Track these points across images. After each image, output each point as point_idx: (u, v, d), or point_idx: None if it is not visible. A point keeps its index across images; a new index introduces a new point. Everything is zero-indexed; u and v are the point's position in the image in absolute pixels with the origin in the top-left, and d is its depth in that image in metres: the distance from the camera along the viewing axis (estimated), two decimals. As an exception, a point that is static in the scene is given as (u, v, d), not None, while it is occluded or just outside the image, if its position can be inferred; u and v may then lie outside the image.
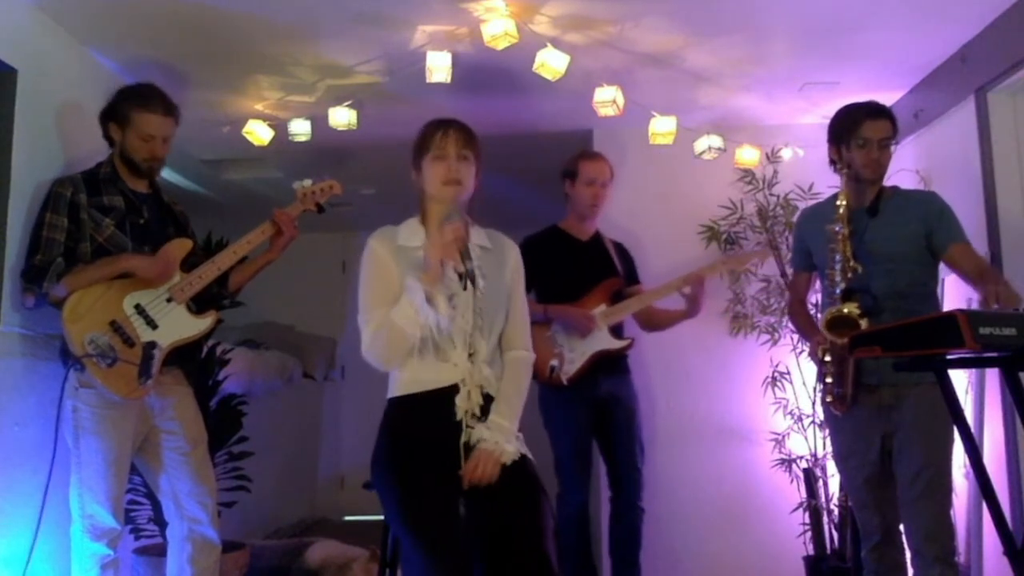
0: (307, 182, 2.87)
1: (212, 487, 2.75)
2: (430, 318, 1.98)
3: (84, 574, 2.54)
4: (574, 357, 3.27)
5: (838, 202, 2.55)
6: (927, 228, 2.53)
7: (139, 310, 2.58)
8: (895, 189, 2.66)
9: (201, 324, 2.71)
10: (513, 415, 2.08)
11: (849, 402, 2.53)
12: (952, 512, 2.48)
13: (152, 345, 2.56)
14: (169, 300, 2.63)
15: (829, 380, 2.56)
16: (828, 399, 2.59)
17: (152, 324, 2.59)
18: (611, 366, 3.34)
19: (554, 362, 3.25)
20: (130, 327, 2.56)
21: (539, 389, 3.36)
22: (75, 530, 2.56)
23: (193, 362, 2.96)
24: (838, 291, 2.51)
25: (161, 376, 2.64)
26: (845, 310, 2.43)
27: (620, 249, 3.57)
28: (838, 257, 2.52)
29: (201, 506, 2.69)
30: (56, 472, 2.89)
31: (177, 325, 2.64)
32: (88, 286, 2.54)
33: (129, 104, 2.69)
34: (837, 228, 2.52)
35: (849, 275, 2.50)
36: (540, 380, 3.29)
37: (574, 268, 3.38)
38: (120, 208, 2.68)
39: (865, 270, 2.52)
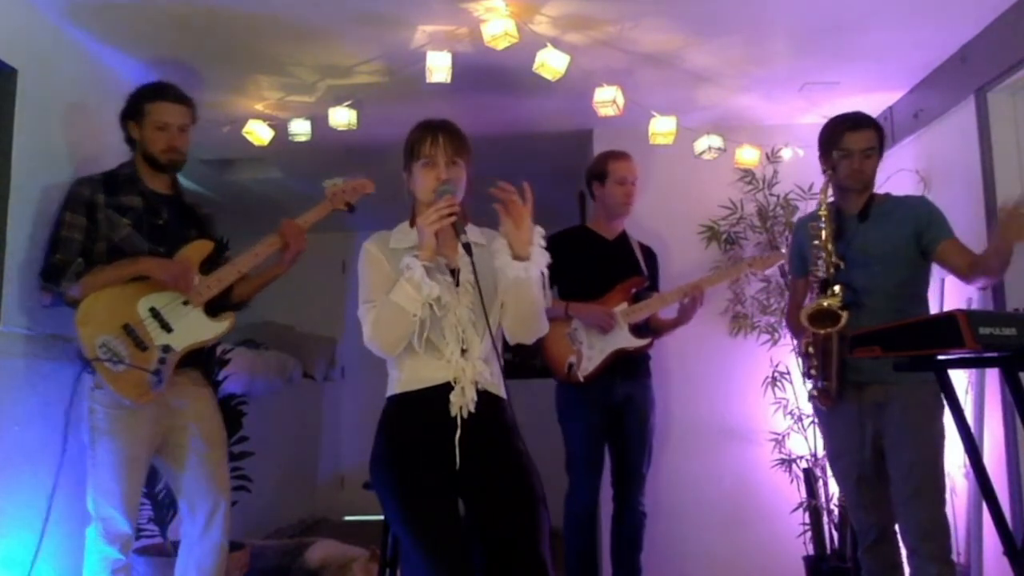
0: (338, 180, 2.79)
1: (226, 489, 2.73)
2: (433, 291, 1.97)
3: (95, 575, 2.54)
4: (592, 355, 3.27)
5: (820, 199, 2.62)
6: (917, 230, 2.58)
7: (154, 313, 2.57)
8: (886, 196, 2.73)
9: (218, 327, 2.68)
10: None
11: (834, 396, 2.55)
12: (947, 509, 2.49)
13: (166, 349, 2.55)
14: (186, 303, 2.61)
15: (814, 373, 2.59)
16: (813, 393, 2.62)
17: (167, 327, 2.57)
18: (630, 368, 3.34)
19: (572, 359, 3.26)
20: (143, 331, 2.54)
21: (556, 387, 3.38)
22: (90, 531, 2.56)
23: (210, 363, 2.92)
24: (816, 286, 2.57)
25: (179, 377, 2.63)
26: (826, 303, 2.48)
27: (646, 251, 3.57)
28: (821, 253, 2.58)
29: (213, 508, 2.68)
30: (59, 474, 2.89)
31: (193, 328, 2.62)
32: (104, 287, 2.53)
33: (142, 98, 2.71)
34: (820, 224, 2.59)
35: (831, 270, 2.54)
36: (558, 378, 3.31)
37: (598, 266, 3.38)
38: (138, 208, 2.67)
39: (856, 272, 2.57)
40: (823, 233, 2.57)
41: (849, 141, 2.60)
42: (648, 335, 3.38)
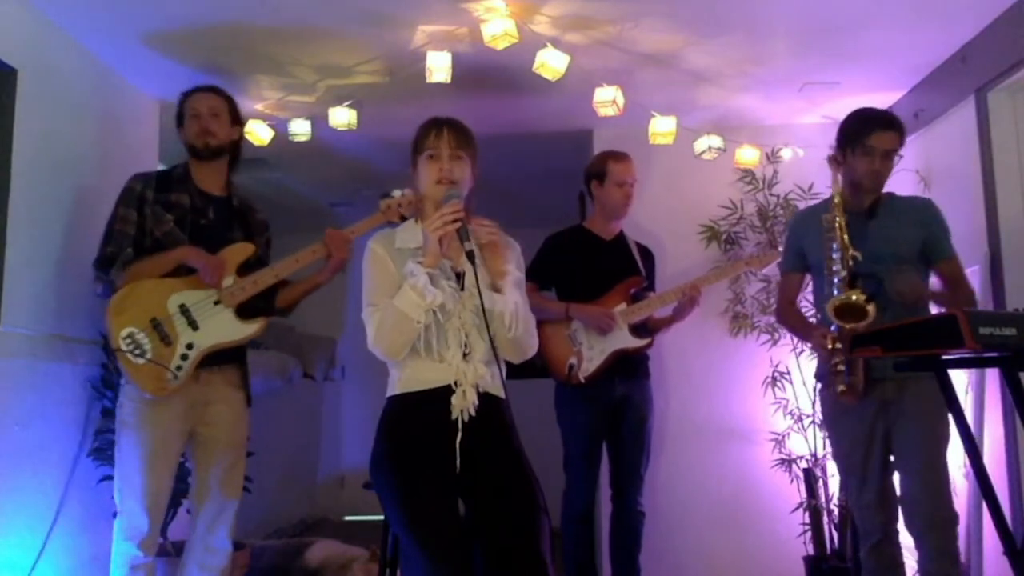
0: (396, 193, 2.74)
1: (234, 493, 2.73)
2: (437, 298, 1.97)
3: (116, 571, 2.55)
4: (593, 355, 3.27)
5: (832, 191, 2.58)
6: (924, 234, 2.58)
7: (183, 310, 2.58)
8: (891, 195, 2.70)
9: (246, 329, 2.67)
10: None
11: (861, 392, 2.51)
12: (953, 503, 2.48)
13: (188, 346, 2.56)
14: (217, 303, 2.61)
15: (841, 368, 2.51)
16: (840, 388, 2.52)
17: (193, 325, 2.58)
18: (629, 368, 3.34)
19: (572, 360, 3.26)
20: (170, 326, 2.56)
21: (555, 387, 3.37)
22: (115, 524, 2.58)
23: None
24: (837, 279, 2.51)
25: (213, 375, 2.65)
26: (852, 297, 2.44)
27: (644, 251, 3.56)
28: (835, 245, 2.53)
29: (220, 510, 2.69)
30: (60, 474, 2.90)
31: (220, 328, 2.62)
32: (147, 277, 2.57)
33: (182, 100, 2.78)
34: (834, 217, 2.54)
35: (849, 263, 2.51)
36: (558, 378, 3.31)
37: (596, 266, 3.37)
38: (184, 206, 2.69)
39: (868, 268, 2.53)
40: (837, 225, 2.53)
41: (876, 140, 2.55)
42: (647, 335, 3.38)
